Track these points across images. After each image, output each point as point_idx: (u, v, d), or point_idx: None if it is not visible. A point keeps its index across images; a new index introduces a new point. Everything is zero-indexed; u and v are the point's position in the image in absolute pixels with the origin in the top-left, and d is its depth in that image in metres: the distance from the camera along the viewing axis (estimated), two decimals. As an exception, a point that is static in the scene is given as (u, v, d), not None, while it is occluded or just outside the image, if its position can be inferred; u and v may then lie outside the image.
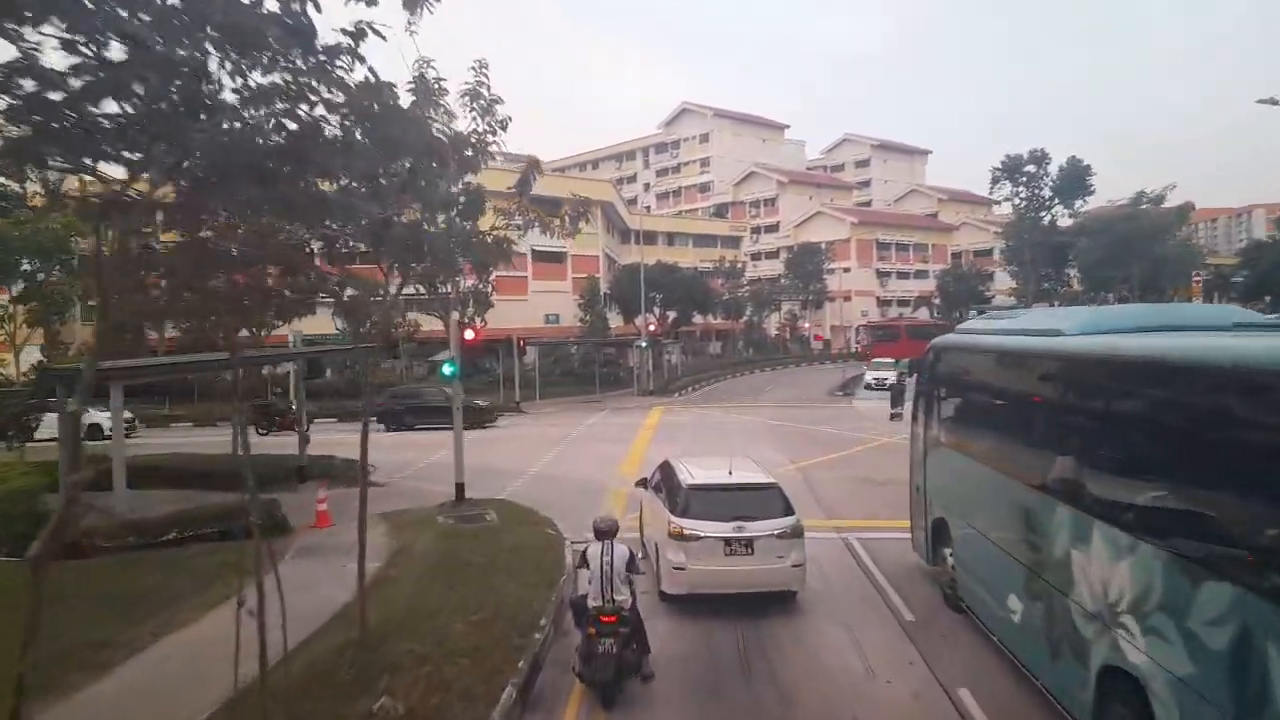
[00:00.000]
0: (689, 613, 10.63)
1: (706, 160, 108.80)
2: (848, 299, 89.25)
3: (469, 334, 16.54)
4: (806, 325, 78.96)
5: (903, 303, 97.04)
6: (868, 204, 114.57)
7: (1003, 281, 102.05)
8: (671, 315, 57.14)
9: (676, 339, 57.08)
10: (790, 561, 10.58)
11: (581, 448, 26.26)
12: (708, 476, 11.49)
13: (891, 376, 44.09)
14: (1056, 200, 50.33)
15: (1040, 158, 49.81)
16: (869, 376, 44.69)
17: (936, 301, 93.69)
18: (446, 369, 17.16)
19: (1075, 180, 48.81)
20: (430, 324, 49.59)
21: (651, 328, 44.11)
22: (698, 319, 61.52)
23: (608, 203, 62.95)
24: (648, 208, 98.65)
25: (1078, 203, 50.66)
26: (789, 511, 10.95)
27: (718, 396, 45.02)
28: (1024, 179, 50.37)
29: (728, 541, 10.39)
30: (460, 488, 17.01)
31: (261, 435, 31.35)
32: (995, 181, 51.04)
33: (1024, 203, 51.11)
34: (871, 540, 14.27)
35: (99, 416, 32.09)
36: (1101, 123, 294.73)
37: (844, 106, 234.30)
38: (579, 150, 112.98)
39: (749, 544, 10.42)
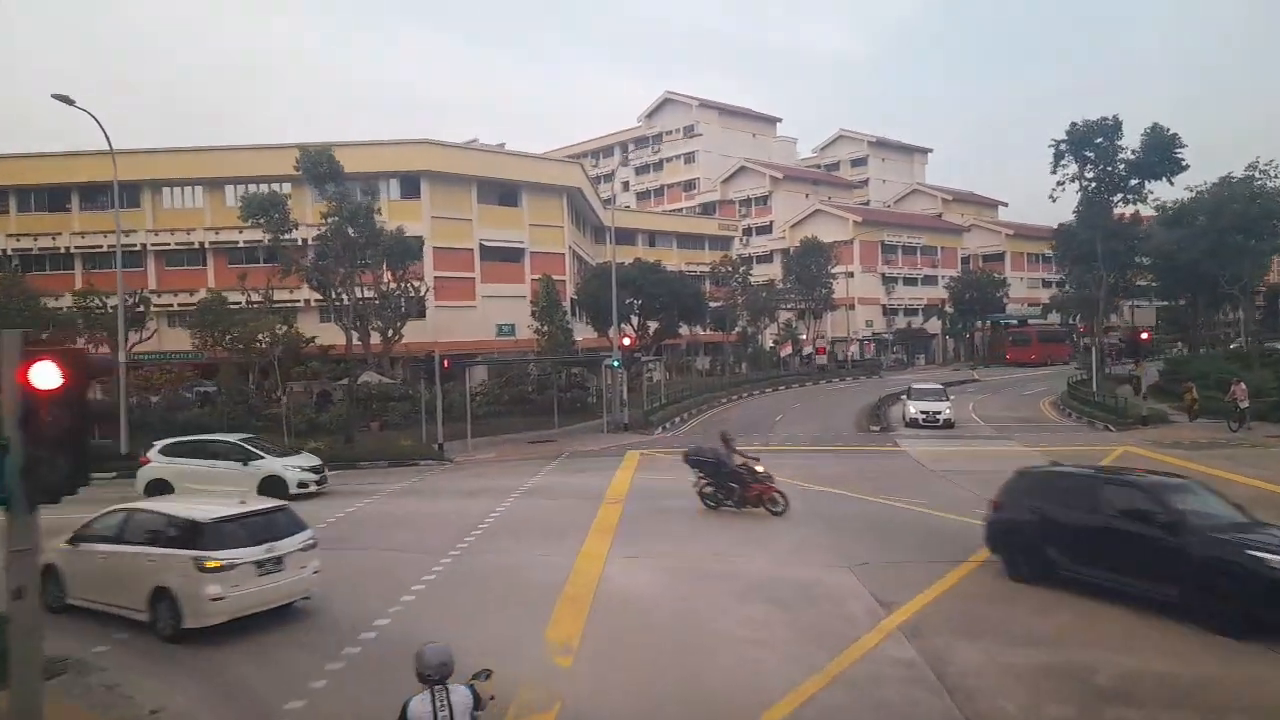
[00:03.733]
0: None
1: (692, 155, 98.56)
2: (851, 307, 79.14)
3: (34, 374, 5.44)
4: (806, 337, 68.56)
5: (910, 311, 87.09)
6: (866, 205, 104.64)
7: (1017, 290, 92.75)
8: (653, 326, 46.42)
9: (659, 354, 46.36)
10: (310, 569, 11.59)
11: (494, 550, 15.38)
12: (222, 511, 11.43)
13: (945, 410, 33.57)
14: (1133, 179, 39.95)
15: (1112, 127, 39.52)
16: (913, 409, 33.99)
17: (949, 310, 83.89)
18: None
19: (1160, 153, 38.56)
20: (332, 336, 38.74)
21: (626, 341, 33.45)
22: (684, 330, 50.79)
23: (575, 189, 52.26)
24: (627, 207, 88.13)
25: (1147, 186, 40.52)
26: (303, 526, 11.82)
27: (714, 432, 34.24)
28: (1092, 154, 40.00)
29: (260, 563, 10.91)
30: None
31: (712, 507, 17.87)
32: (1059, 157, 40.59)
33: (1093, 183, 40.70)
34: None
35: (276, 464, 21.36)
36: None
37: (830, 116, 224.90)
38: (550, 148, 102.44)
39: (280, 560, 11.11)
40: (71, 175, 43.88)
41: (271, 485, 20.35)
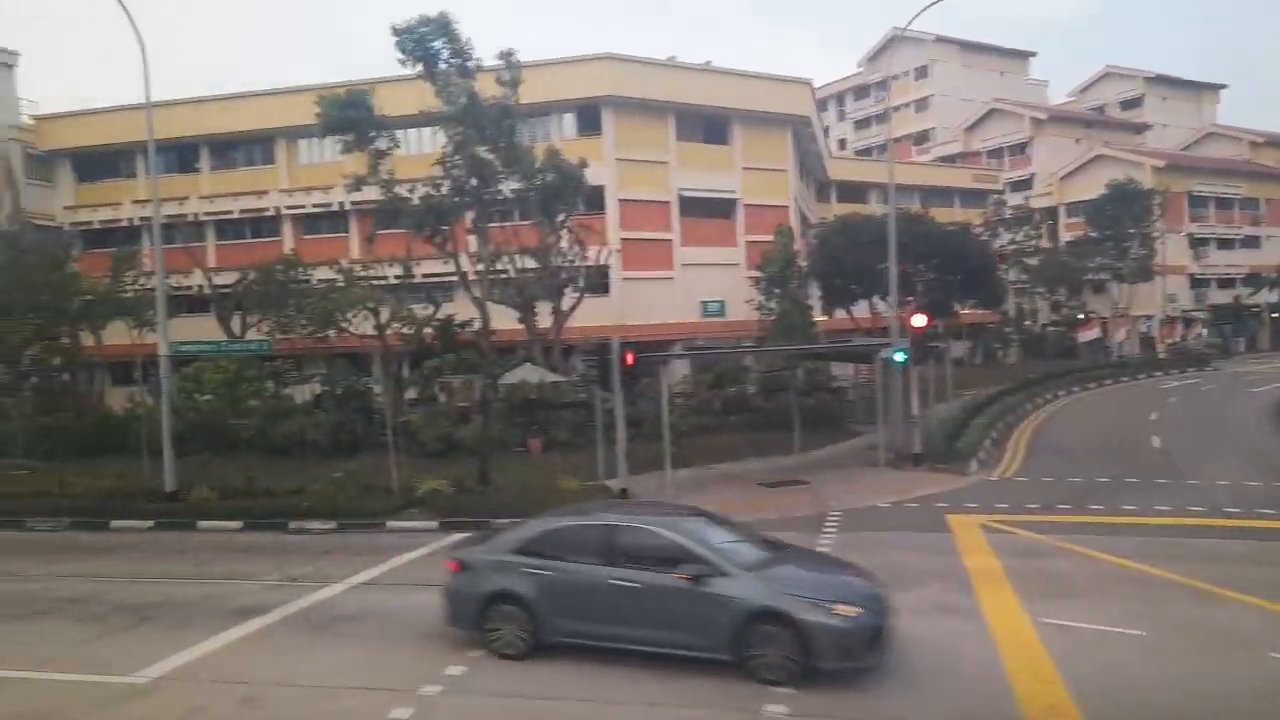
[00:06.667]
0: None
1: (925, 102, 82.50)
2: (1150, 278, 60.88)
3: None
4: (1101, 315, 51.85)
5: (1224, 283, 66.91)
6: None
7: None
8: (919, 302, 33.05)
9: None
10: None
11: None
12: None
13: None
14: None
15: None
16: None
17: (1291, 278, 63.47)
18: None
19: None
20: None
21: (919, 320, 20.67)
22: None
23: (801, 119, 39.45)
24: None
25: None
26: None
27: (1064, 470, 20.74)
28: None
29: None
30: None
31: None
32: None
33: None
34: None
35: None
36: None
37: (1067, 67, 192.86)
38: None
39: None
40: (199, 127, 36.63)
41: None
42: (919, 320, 20.64)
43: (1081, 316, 49.52)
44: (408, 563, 14.49)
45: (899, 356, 20.36)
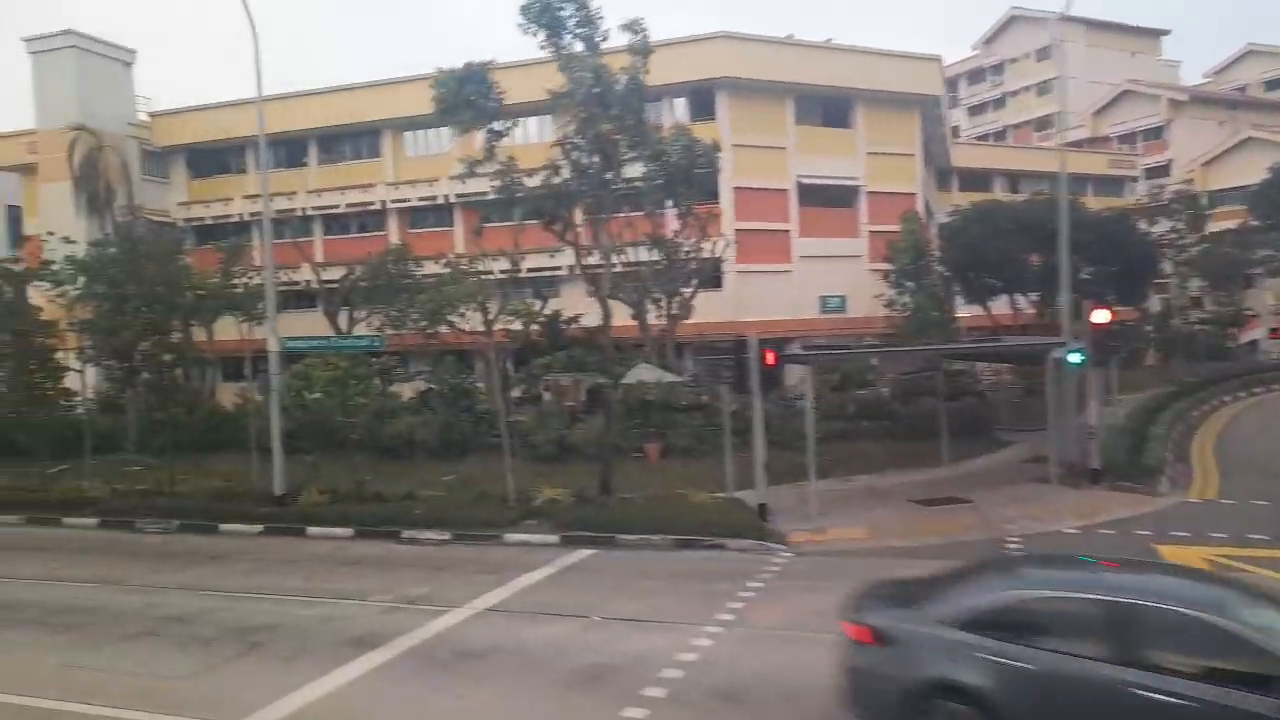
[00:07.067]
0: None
1: (1047, 85, 77.36)
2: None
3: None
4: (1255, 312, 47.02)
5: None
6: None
7: None
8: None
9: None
10: None
11: None
12: None
13: None
14: None
15: None
16: None
17: None
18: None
19: None
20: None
21: (1101, 316, 17.97)
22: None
23: (930, 99, 36.57)
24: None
25: None
26: None
27: (1275, 492, 17.80)
28: None
29: None
30: None
31: None
32: None
33: None
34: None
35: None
36: None
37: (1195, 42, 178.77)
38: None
39: None
40: (306, 121, 36.38)
41: None
42: (1100, 316, 18.00)
43: (1235, 314, 44.87)
44: (533, 584, 12.97)
45: (1075, 357, 17.78)
